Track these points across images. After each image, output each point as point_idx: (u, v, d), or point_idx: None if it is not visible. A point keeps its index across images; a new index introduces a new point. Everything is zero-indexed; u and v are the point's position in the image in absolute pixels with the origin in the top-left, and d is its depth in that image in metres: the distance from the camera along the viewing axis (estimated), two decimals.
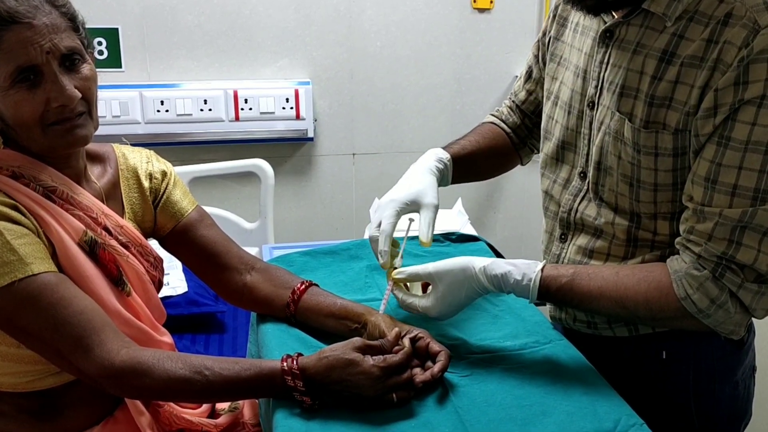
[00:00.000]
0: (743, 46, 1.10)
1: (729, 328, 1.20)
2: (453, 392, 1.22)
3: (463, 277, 1.29)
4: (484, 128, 1.65)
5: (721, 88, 1.12)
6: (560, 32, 1.45)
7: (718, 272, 1.16)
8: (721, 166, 1.14)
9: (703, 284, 1.16)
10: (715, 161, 1.14)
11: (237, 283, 1.46)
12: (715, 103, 1.13)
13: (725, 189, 1.14)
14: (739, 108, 1.11)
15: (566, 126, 1.39)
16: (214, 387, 1.18)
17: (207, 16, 2.61)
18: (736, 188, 1.13)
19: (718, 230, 1.15)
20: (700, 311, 1.17)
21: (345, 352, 1.17)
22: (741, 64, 1.10)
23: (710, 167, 1.15)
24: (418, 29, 2.76)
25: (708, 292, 1.16)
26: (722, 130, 1.13)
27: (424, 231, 1.37)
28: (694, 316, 1.18)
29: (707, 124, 1.14)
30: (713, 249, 1.16)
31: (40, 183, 1.25)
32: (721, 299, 1.16)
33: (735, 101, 1.11)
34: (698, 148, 1.17)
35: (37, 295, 1.17)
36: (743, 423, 1.42)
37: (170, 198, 1.45)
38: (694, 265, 1.17)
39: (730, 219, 1.14)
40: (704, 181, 1.16)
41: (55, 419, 1.31)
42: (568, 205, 1.39)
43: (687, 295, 1.17)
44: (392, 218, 1.37)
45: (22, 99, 1.19)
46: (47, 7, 1.20)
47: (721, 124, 1.13)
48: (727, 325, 1.20)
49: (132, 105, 2.57)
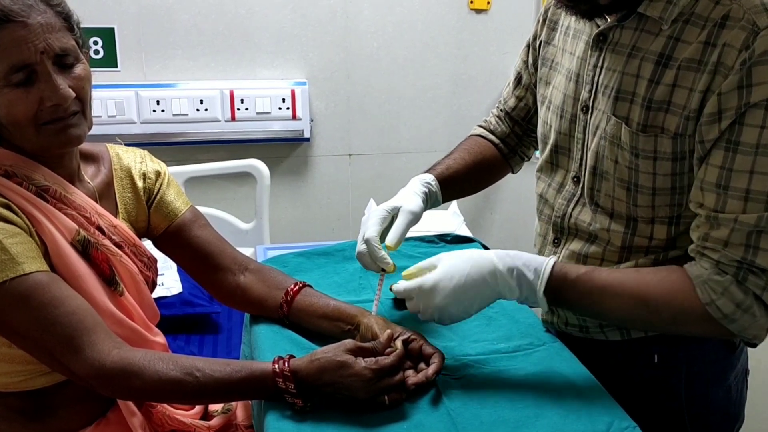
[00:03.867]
0: (744, 49, 1.09)
1: (753, 333, 1.17)
2: (446, 394, 1.22)
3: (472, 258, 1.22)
4: (470, 142, 1.63)
5: (724, 92, 1.11)
6: (551, 36, 1.44)
7: (740, 276, 1.14)
8: (732, 171, 1.12)
9: (728, 288, 1.14)
10: (725, 166, 1.13)
11: (230, 283, 1.45)
12: (719, 108, 1.12)
13: (738, 194, 1.12)
14: (745, 112, 1.10)
15: (559, 130, 1.38)
16: (205, 388, 1.17)
17: (203, 15, 2.61)
18: (749, 193, 1.11)
19: (734, 236, 1.13)
20: (725, 316, 1.14)
21: (337, 354, 1.17)
22: (743, 66, 1.09)
23: (720, 173, 1.13)
24: (414, 30, 2.76)
25: (733, 296, 1.14)
26: (729, 134, 1.12)
27: (392, 234, 1.35)
28: (717, 321, 1.15)
29: (712, 130, 1.13)
30: (732, 254, 1.14)
31: (33, 182, 1.25)
32: (746, 303, 1.14)
33: (741, 105, 1.10)
34: (703, 154, 1.16)
35: (29, 295, 1.17)
36: (736, 426, 1.42)
37: (164, 198, 1.45)
38: (716, 270, 1.15)
39: (746, 224, 1.12)
40: (716, 188, 1.14)
41: (46, 419, 1.31)
42: (562, 210, 1.39)
43: (712, 300, 1.14)
44: (376, 225, 1.36)
45: (16, 98, 1.19)
46: (42, 6, 1.20)
47: (727, 128, 1.12)
48: (752, 330, 1.17)
49: (128, 105, 2.57)
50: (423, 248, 1.76)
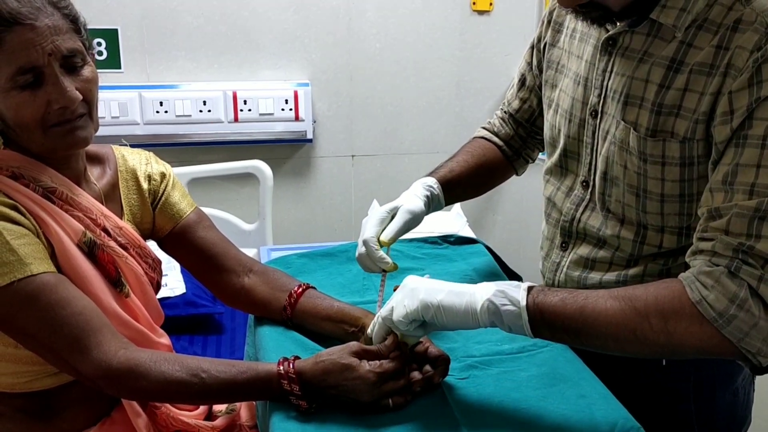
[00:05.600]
0: (755, 50, 1.09)
1: (756, 345, 1.06)
2: (450, 395, 1.22)
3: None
4: (473, 145, 1.62)
5: (735, 91, 1.10)
6: (556, 38, 1.44)
7: (734, 266, 1.06)
8: (738, 165, 1.09)
9: (719, 279, 1.06)
10: (734, 162, 1.10)
11: (234, 285, 1.46)
12: (731, 107, 1.11)
13: (743, 188, 1.08)
14: (756, 107, 1.09)
15: (568, 135, 1.37)
16: (210, 389, 1.18)
17: (206, 17, 2.61)
18: (754, 186, 1.08)
19: (734, 222, 1.08)
20: (719, 315, 1.05)
21: (341, 357, 1.17)
22: (754, 65, 1.08)
23: (728, 169, 1.10)
24: (417, 31, 2.76)
25: (726, 288, 1.05)
26: (740, 130, 1.10)
27: (387, 230, 1.35)
28: (711, 326, 1.05)
29: (725, 129, 1.12)
30: (729, 241, 1.07)
31: (39, 184, 1.25)
32: (740, 296, 1.05)
33: (751, 101, 1.09)
34: (717, 157, 1.13)
35: (36, 296, 1.17)
36: (743, 429, 1.41)
37: (169, 199, 1.45)
38: (706, 263, 1.09)
39: (746, 208, 1.07)
40: (722, 185, 1.11)
41: (52, 420, 1.31)
42: (570, 214, 1.38)
43: (702, 297, 1.06)
44: (375, 227, 1.36)
45: (23, 100, 1.19)
46: (49, 9, 1.20)
47: (738, 126, 1.10)
48: (753, 338, 1.06)
49: (131, 106, 2.57)
50: (426, 249, 1.76)
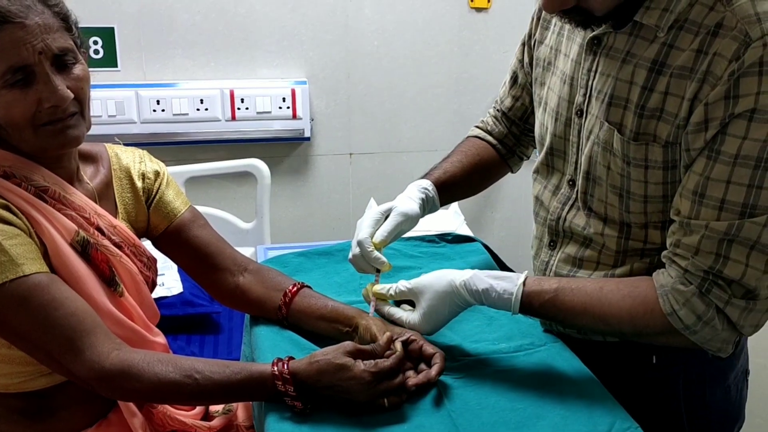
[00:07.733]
0: (734, 59, 1.08)
1: (716, 346, 1.19)
2: (446, 395, 1.22)
3: (444, 292, 1.28)
4: (467, 144, 1.63)
5: (711, 102, 1.10)
6: (544, 35, 1.43)
7: (704, 288, 1.14)
8: (709, 179, 1.12)
9: (690, 300, 1.15)
10: (704, 174, 1.12)
11: (229, 284, 1.45)
12: (706, 117, 1.11)
13: (713, 203, 1.12)
14: (729, 122, 1.09)
15: (554, 133, 1.37)
16: (204, 390, 1.17)
17: (203, 15, 2.60)
18: (723, 203, 1.11)
19: (705, 243, 1.13)
20: (686, 327, 1.16)
21: (336, 357, 1.17)
22: (731, 77, 1.08)
23: (699, 180, 1.13)
24: (415, 29, 2.76)
25: (694, 308, 1.15)
26: (713, 143, 1.11)
27: (379, 231, 1.38)
28: (680, 332, 1.17)
29: (698, 139, 1.13)
30: (700, 263, 1.14)
31: (32, 183, 1.25)
32: (707, 315, 1.15)
33: (726, 115, 1.09)
34: (689, 162, 1.15)
35: (29, 296, 1.16)
36: (736, 426, 1.41)
37: (163, 198, 1.45)
38: (681, 279, 1.16)
39: (716, 231, 1.12)
40: (692, 195, 1.14)
41: (47, 420, 1.31)
42: (557, 213, 1.38)
43: (673, 310, 1.16)
44: (369, 228, 1.38)
45: (14, 99, 1.18)
46: (40, 7, 1.20)
47: (712, 138, 1.11)
48: (714, 342, 1.18)
49: (128, 104, 2.56)
50: (423, 248, 1.75)
